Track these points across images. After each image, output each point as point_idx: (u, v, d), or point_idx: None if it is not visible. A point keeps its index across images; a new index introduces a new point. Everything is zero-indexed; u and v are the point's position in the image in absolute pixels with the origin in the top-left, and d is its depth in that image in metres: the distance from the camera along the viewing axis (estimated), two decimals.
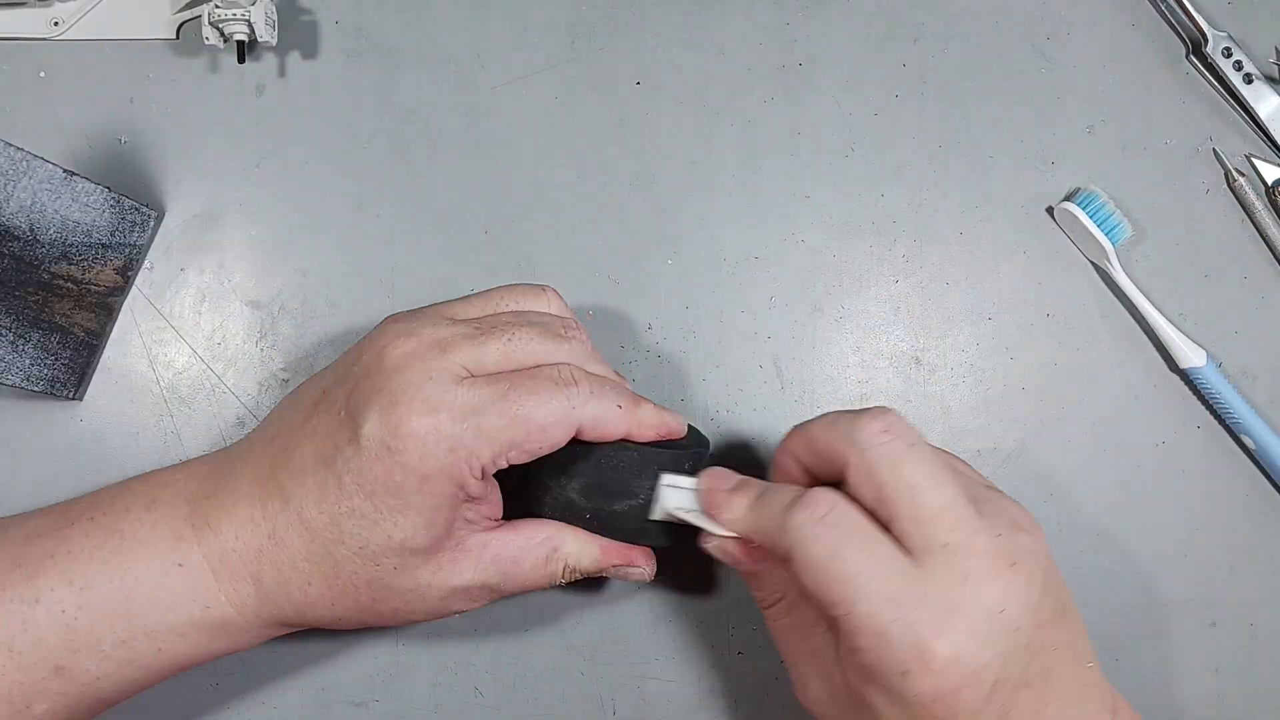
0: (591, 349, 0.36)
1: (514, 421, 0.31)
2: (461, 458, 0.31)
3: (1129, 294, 0.43)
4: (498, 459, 0.32)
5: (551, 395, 0.32)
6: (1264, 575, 0.43)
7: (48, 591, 0.32)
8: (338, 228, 0.43)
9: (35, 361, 0.39)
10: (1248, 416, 0.42)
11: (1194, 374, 0.43)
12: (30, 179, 0.37)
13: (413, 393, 0.31)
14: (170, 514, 0.33)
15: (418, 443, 0.31)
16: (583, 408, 0.32)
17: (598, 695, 0.41)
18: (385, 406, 0.31)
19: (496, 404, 0.31)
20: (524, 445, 0.32)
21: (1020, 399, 0.43)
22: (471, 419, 0.31)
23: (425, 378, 0.31)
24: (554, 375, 0.33)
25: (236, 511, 0.33)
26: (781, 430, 0.43)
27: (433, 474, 0.31)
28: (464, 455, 0.31)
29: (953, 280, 0.44)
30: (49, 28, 0.43)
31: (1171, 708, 0.42)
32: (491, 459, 0.32)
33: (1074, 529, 0.43)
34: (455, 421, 0.31)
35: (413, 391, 0.31)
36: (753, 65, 0.45)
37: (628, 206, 0.44)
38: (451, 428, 0.31)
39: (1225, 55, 0.45)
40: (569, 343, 0.35)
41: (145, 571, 0.32)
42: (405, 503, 0.31)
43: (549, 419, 0.32)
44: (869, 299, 0.44)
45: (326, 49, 0.44)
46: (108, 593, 0.32)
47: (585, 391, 0.33)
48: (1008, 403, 0.43)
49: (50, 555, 0.32)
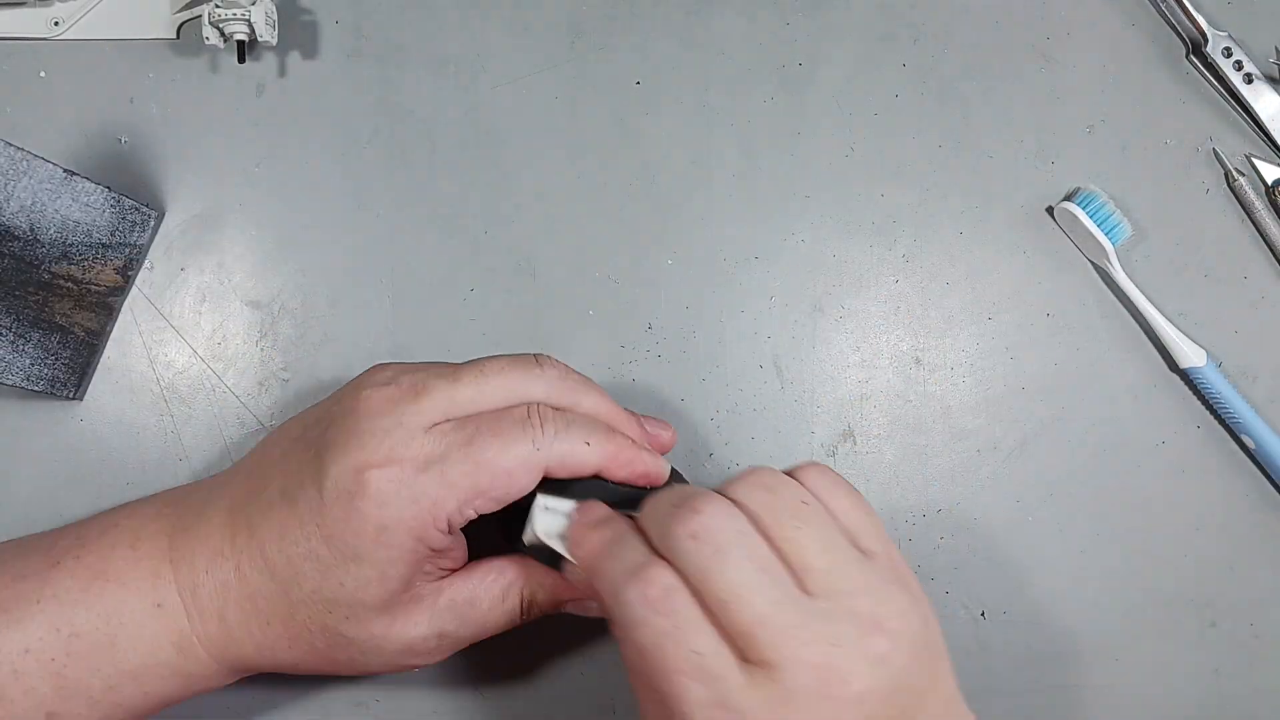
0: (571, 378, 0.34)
1: (478, 467, 0.30)
2: (425, 508, 0.30)
3: (1129, 294, 0.43)
4: (464, 508, 0.31)
5: (516, 437, 0.31)
6: (1264, 575, 0.43)
7: (36, 641, 0.32)
8: (338, 228, 0.43)
9: (35, 361, 0.39)
10: (1248, 416, 0.42)
11: (1194, 374, 0.43)
12: (30, 179, 0.37)
13: (379, 439, 0.30)
14: (152, 550, 0.33)
15: (377, 491, 0.30)
16: (548, 448, 0.31)
17: (598, 695, 0.41)
18: (351, 450, 0.31)
19: (460, 450, 0.31)
20: (489, 492, 0.31)
21: (1020, 399, 0.43)
22: (435, 468, 0.30)
23: (395, 424, 0.31)
24: (519, 416, 0.32)
25: (209, 544, 0.33)
26: (781, 430, 0.43)
27: (390, 524, 0.30)
28: (428, 506, 0.30)
29: (953, 280, 0.44)
30: (49, 28, 0.43)
31: (1171, 708, 0.42)
32: (458, 508, 0.31)
33: (1074, 529, 0.43)
34: (418, 471, 0.30)
35: (380, 438, 0.31)
36: (753, 65, 0.45)
37: (628, 206, 0.44)
38: (414, 478, 0.30)
39: (1225, 55, 0.45)
40: (543, 370, 0.34)
41: (128, 614, 0.32)
42: (359, 553, 0.30)
43: (512, 462, 0.31)
44: (869, 299, 0.44)
45: (326, 49, 0.44)
46: (93, 640, 0.32)
47: (551, 430, 0.31)
48: (1008, 403, 0.43)
49: (36, 600, 0.32)
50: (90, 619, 0.32)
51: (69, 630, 0.32)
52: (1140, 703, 0.42)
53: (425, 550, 0.31)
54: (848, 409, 0.43)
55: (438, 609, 0.32)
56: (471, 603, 0.33)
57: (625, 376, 0.43)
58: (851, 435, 0.43)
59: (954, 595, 0.42)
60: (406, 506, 0.30)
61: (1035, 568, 0.42)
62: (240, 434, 0.42)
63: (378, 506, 0.30)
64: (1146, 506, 0.43)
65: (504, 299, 0.43)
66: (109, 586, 0.33)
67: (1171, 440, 0.44)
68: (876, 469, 0.43)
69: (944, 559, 0.42)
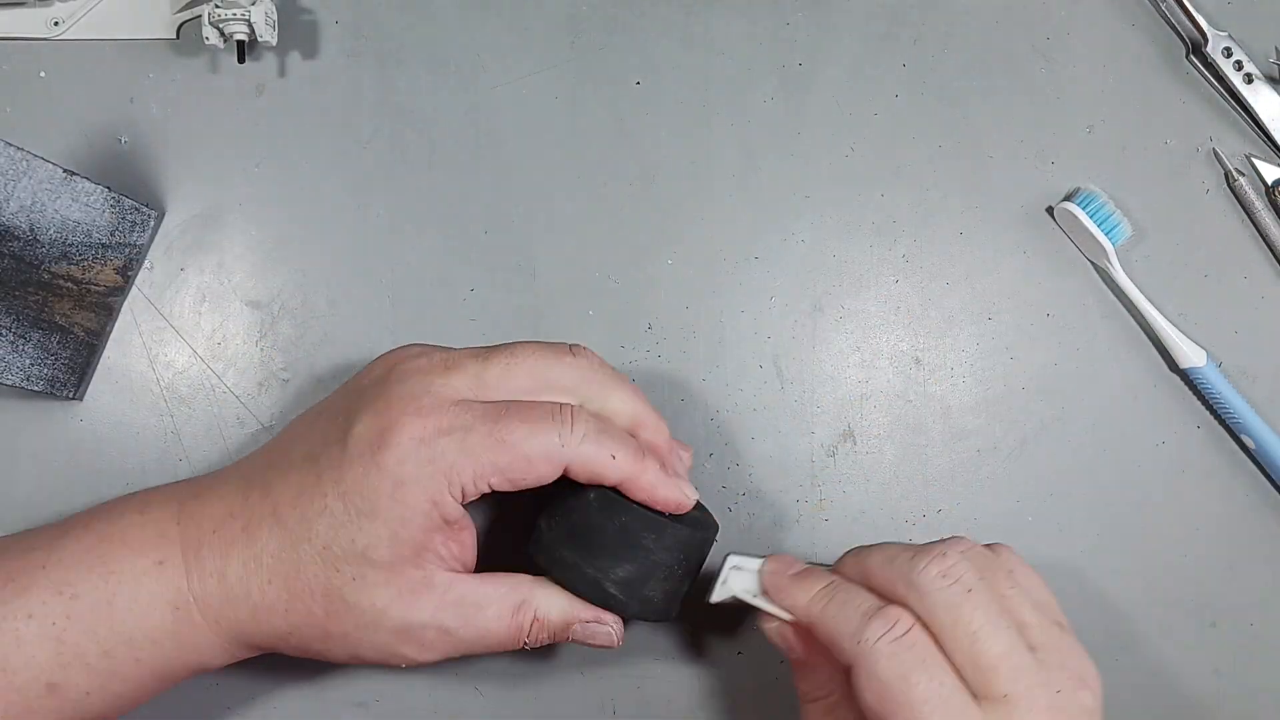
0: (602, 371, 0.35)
1: (500, 445, 0.31)
2: (441, 470, 0.31)
3: (1129, 294, 0.43)
4: (479, 480, 0.31)
5: (544, 428, 0.32)
6: (1264, 575, 0.43)
7: (39, 605, 0.32)
8: (338, 228, 0.43)
9: (35, 361, 0.39)
10: (1248, 416, 0.42)
11: (1194, 374, 0.43)
12: (30, 179, 0.37)
13: (408, 401, 0.32)
14: (160, 515, 0.34)
15: (398, 447, 0.31)
16: (574, 447, 0.32)
17: (598, 695, 0.41)
18: (379, 410, 0.32)
19: (486, 425, 0.31)
20: (507, 472, 0.32)
21: (1020, 399, 0.43)
22: (458, 434, 0.31)
23: (424, 390, 0.32)
24: (552, 410, 0.32)
25: (219, 505, 0.33)
26: (781, 430, 0.43)
27: (408, 480, 0.31)
28: (444, 468, 0.31)
29: (953, 280, 0.44)
30: (49, 28, 0.43)
31: (1171, 708, 0.42)
32: (472, 479, 0.31)
33: (1074, 529, 0.43)
34: (441, 433, 0.31)
35: (408, 400, 0.32)
36: (753, 65, 0.45)
37: (628, 206, 0.44)
38: (436, 438, 0.31)
39: (1225, 55, 0.45)
40: (575, 359, 0.34)
41: (128, 572, 0.32)
42: (375, 507, 0.31)
43: (535, 451, 0.32)
44: (869, 299, 0.44)
45: (326, 49, 0.44)
46: (92, 600, 0.32)
47: (580, 432, 0.32)
48: (1008, 403, 0.43)
49: (42, 566, 0.33)
50: (91, 579, 0.32)
51: (70, 592, 0.32)
52: (1140, 703, 0.42)
53: (438, 518, 0.32)
54: (848, 409, 0.43)
55: (445, 602, 0.32)
56: (480, 606, 0.33)
57: (626, 376, 0.43)
58: (851, 435, 0.43)
59: None
60: (424, 466, 0.31)
61: (1035, 568, 0.42)
62: (240, 434, 0.42)
63: (397, 462, 0.31)
64: (1146, 506, 0.43)
65: (504, 299, 0.43)
66: (112, 547, 0.33)
67: (1171, 440, 0.44)
68: (876, 469, 0.43)
69: None
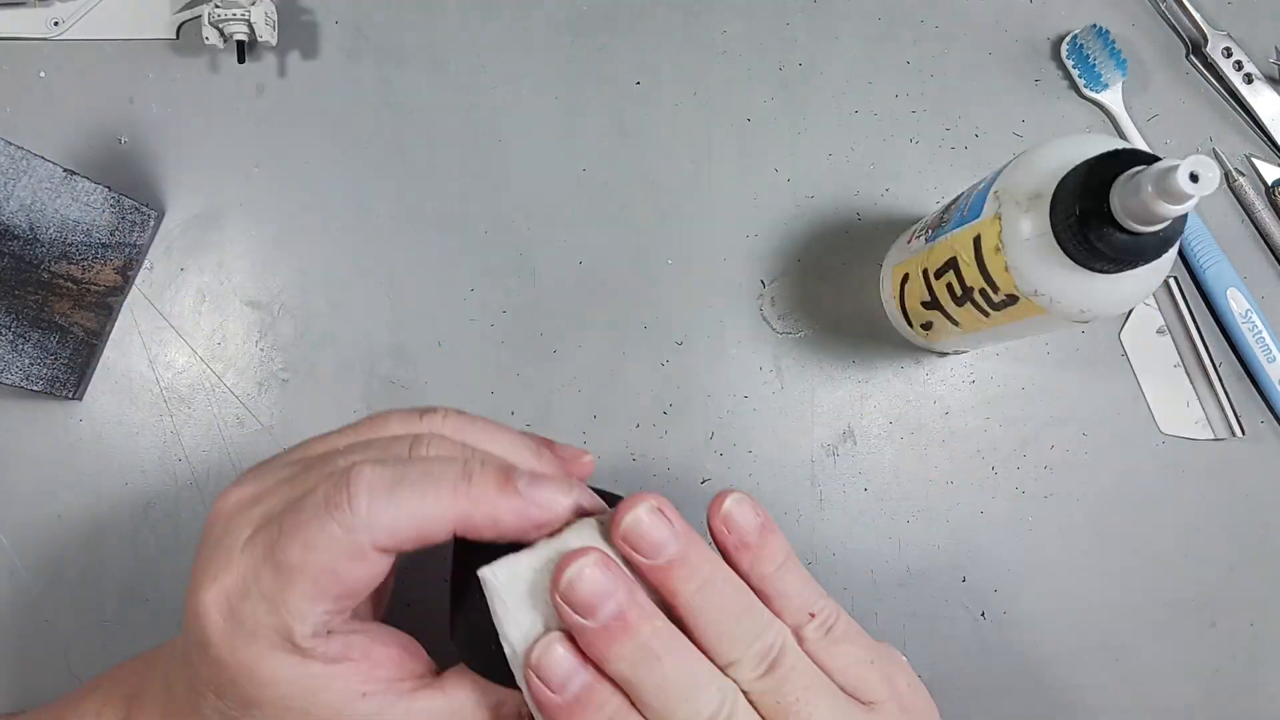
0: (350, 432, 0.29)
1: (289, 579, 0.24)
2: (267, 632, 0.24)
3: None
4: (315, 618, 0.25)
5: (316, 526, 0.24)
6: (1264, 575, 0.43)
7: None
8: (338, 228, 0.43)
9: (35, 361, 0.39)
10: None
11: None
12: (30, 178, 0.37)
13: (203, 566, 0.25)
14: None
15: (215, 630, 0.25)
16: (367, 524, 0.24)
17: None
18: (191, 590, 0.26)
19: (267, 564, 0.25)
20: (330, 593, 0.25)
21: (1020, 399, 0.43)
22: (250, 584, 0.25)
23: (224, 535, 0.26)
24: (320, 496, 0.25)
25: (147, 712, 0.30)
26: (781, 430, 0.43)
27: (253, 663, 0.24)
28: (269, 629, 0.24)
29: None
30: (49, 28, 0.43)
31: (1171, 708, 0.42)
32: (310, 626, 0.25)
33: (1074, 529, 0.43)
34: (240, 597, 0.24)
35: (203, 564, 0.25)
36: (753, 65, 0.45)
37: (628, 206, 0.44)
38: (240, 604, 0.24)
39: (1225, 55, 0.45)
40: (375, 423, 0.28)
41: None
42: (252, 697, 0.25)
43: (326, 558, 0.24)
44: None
45: (326, 49, 0.44)
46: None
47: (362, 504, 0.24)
48: (1008, 403, 0.43)
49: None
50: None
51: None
52: (1140, 703, 0.42)
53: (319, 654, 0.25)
54: (848, 409, 0.43)
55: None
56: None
57: (623, 378, 0.43)
58: (851, 435, 0.43)
59: (954, 595, 0.42)
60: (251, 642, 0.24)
61: (1035, 568, 0.42)
62: (240, 434, 0.42)
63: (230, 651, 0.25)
64: (1146, 506, 0.43)
65: (504, 299, 0.43)
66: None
67: (1171, 440, 0.44)
68: (876, 469, 0.43)
69: (944, 559, 0.42)
